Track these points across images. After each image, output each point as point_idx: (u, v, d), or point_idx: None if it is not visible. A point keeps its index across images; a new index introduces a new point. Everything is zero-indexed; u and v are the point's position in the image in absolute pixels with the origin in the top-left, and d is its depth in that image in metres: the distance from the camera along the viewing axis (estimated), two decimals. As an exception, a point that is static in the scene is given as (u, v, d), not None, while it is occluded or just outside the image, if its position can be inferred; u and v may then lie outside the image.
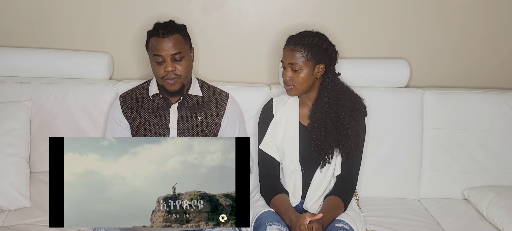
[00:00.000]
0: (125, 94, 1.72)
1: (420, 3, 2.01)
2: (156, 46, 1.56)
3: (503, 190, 1.83)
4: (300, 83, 1.58)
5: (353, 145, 1.60)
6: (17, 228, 1.56)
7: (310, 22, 1.93)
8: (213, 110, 1.69)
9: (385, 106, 1.90)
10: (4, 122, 1.71)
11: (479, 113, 1.92)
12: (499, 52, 2.11)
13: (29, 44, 2.03)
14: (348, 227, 1.51)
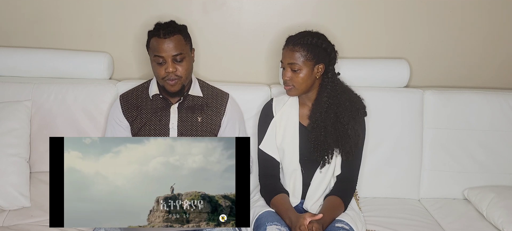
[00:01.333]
0: (125, 95, 1.72)
1: (420, 3, 2.01)
2: (157, 46, 1.55)
3: (503, 190, 1.83)
4: (299, 84, 1.58)
5: (353, 145, 1.60)
6: (17, 228, 1.56)
7: (310, 22, 1.93)
8: (213, 111, 1.69)
9: (385, 106, 1.90)
10: (4, 122, 1.71)
11: (479, 113, 1.92)
12: (499, 52, 2.11)
13: (29, 44, 2.03)
14: (348, 227, 1.51)
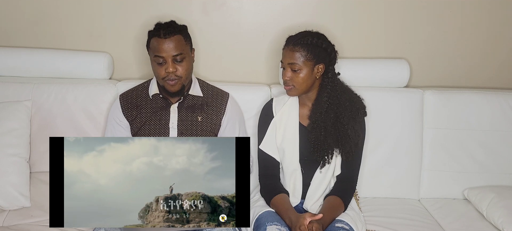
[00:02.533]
0: (125, 94, 1.72)
1: (420, 3, 2.01)
2: (157, 47, 1.55)
3: (503, 190, 1.83)
4: (299, 84, 1.58)
5: (353, 145, 1.60)
6: (17, 228, 1.56)
7: (310, 22, 1.93)
8: (213, 111, 1.69)
9: (385, 106, 1.90)
10: (4, 122, 1.71)
11: (479, 113, 1.92)
12: (499, 52, 2.11)
13: (29, 44, 2.03)
14: (348, 227, 1.51)
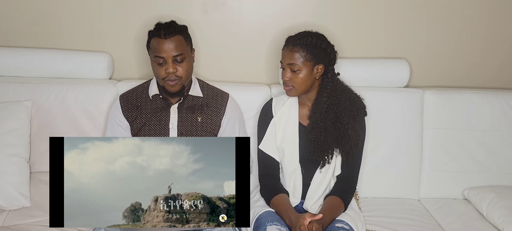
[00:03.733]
0: (125, 95, 1.72)
1: (420, 3, 2.01)
2: (157, 47, 1.55)
3: (503, 190, 1.83)
4: (299, 84, 1.58)
5: (353, 145, 1.60)
6: (17, 228, 1.56)
7: (310, 22, 1.93)
8: (213, 111, 1.69)
9: (385, 106, 1.90)
10: (4, 122, 1.71)
11: (479, 113, 1.92)
12: (499, 52, 2.11)
13: (29, 44, 2.03)
14: (348, 227, 1.51)
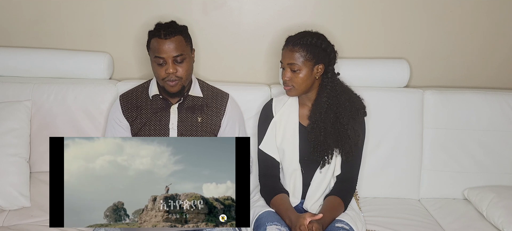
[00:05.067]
0: (125, 95, 1.72)
1: (420, 3, 2.01)
2: (157, 47, 1.55)
3: (503, 190, 1.83)
4: (299, 84, 1.58)
5: (352, 145, 1.60)
6: (17, 228, 1.56)
7: (310, 22, 1.93)
8: (213, 111, 1.69)
9: (385, 107, 1.90)
10: (4, 122, 1.71)
11: (479, 113, 1.92)
12: (499, 52, 2.11)
13: (29, 44, 2.03)
14: (348, 227, 1.51)
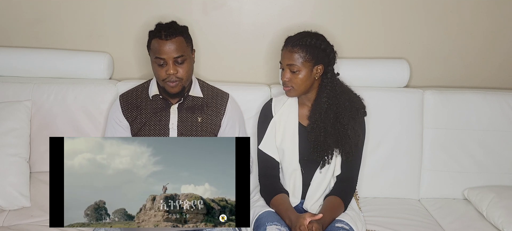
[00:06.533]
0: (125, 95, 1.72)
1: (420, 3, 2.01)
2: (158, 48, 1.55)
3: (503, 190, 1.83)
4: (298, 85, 1.58)
5: (352, 145, 1.60)
6: (17, 228, 1.56)
7: (310, 22, 1.93)
8: (213, 111, 1.69)
9: (385, 107, 1.90)
10: (4, 122, 1.71)
11: (479, 113, 1.92)
12: (499, 52, 2.11)
13: (29, 44, 2.03)
14: (348, 227, 1.51)
